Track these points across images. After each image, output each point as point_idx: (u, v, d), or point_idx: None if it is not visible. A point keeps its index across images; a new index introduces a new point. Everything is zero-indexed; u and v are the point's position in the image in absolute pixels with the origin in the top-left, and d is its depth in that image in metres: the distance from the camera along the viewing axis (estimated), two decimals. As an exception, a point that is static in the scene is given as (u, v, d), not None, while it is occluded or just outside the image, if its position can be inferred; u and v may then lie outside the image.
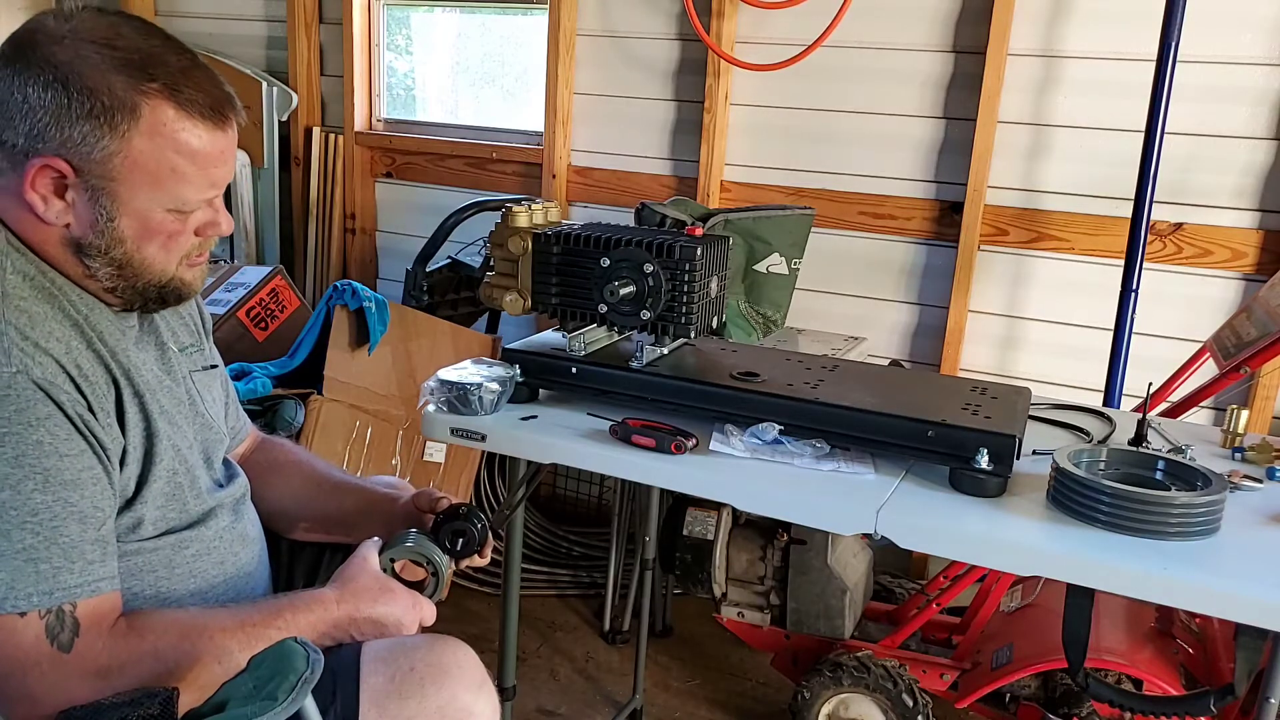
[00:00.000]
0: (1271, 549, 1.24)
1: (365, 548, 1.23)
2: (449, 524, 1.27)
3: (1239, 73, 2.30)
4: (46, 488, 1.00)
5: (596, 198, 3.07)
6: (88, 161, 1.04)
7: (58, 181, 1.05)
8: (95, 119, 1.02)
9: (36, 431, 1.00)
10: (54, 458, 1.01)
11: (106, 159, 1.04)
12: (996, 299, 2.64)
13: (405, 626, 1.18)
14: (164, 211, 1.09)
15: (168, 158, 1.06)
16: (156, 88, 1.04)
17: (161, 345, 1.23)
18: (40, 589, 0.99)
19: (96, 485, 1.05)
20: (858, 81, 2.67)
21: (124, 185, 1.06)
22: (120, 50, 1.04)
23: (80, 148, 1.03)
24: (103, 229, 1.07)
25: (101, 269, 1.09)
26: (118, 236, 1.08)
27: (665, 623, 2.73)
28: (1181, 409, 2.02)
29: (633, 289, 1.49)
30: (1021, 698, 2.02)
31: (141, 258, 1.10)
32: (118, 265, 1.10)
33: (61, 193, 1.06)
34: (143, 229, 1.09)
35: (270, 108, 3.35)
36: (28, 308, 1.05)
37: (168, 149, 1.06)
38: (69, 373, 1.04)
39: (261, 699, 0.88)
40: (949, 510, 1.30)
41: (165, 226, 1.10)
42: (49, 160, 1.03)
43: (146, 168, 1.05)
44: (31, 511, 0.99)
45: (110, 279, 1.11)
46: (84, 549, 1.02)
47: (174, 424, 1.17)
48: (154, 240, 1.10)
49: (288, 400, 2.28)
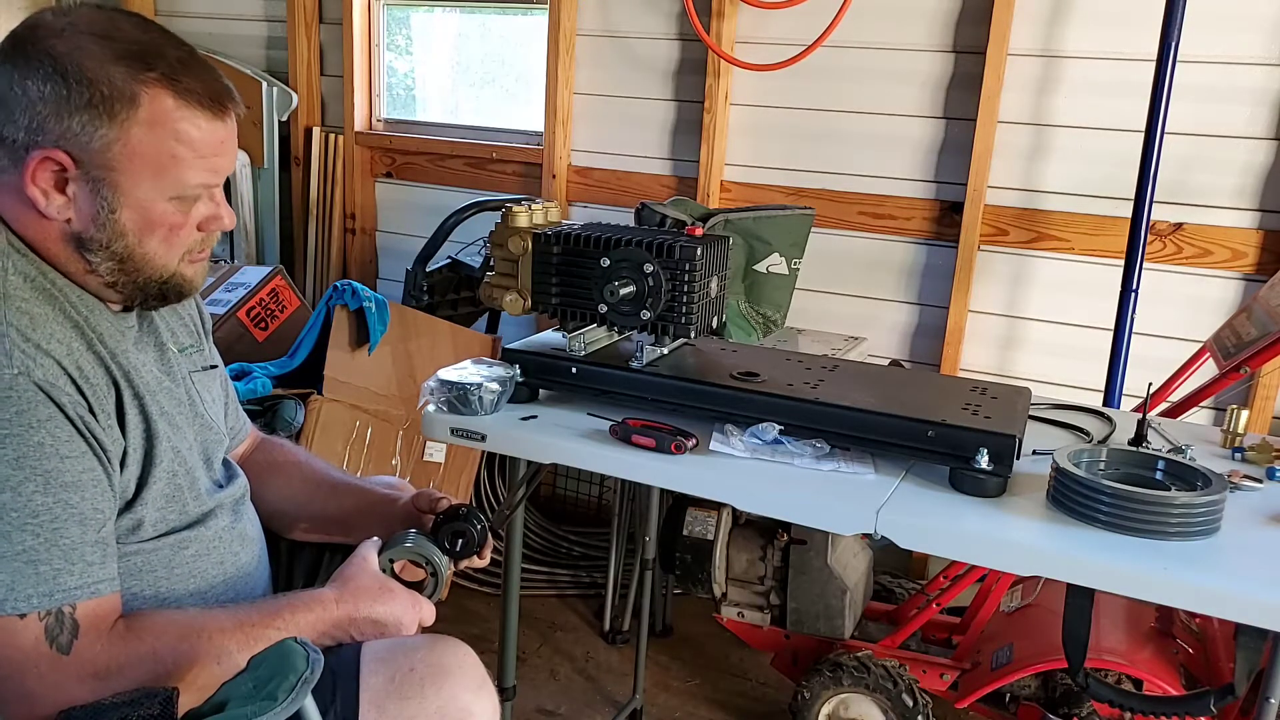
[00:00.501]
0: (1271, 549, 1.24)
1: (365, 548, 1.23)
2: (448, 524, 1.27)
3: (1239, 73, 2.30)
4: (47, 489, 1.00)
5: (596, 198, 3.07)
6: (87, 151, 1.04)
7: (58, 175, 1.05)
8: (94, 108, 1.03)
9: (38, 433, 1.00)
10: (55, 459, 1.01)
11: (106, 148, 1.04)
12: (996, 299, 2.64)
13: (405, 627, 1.18)
14: (165, 202, 1.09)
15: (167, 145, 1.06)
16: (155, 77, 1.05)
17: (161, 346, 1.23)
18: (40, 590, 0.99)
19: (97, 487, 1.05)
20: (858, 81, 2.67)
21: (124, 175, 1.06)
22: (119, 42, 1.05)
23: (80, 138, 1.03)
24: (104, 221, 1.07)
25: (103, 263, 1.09)
26: (119, 229, 1.08)
27: (665, 623, 2.73)
28: (1181, 409, 2.02)
29: (633, 289, 1.49)
30: (1021, 698, 2.02)
31: (143, 252, 1.10)
32: (119, 259, 1.10)
33: (62, 187, 1.06)
34: (144, 221, 1.09)
35: (270, 108, 3.35)
36: (29, 309, 1.05)
37: (167, 138, 1.06)
38: (70, 374, 1.04)
39: (261, 699, 0.88)
40: (949, 510, 1.30)
41: (167, 218, 1.10)
42: (49, 152, 1.04)
43: (146, 156, 1.06)
44: (32, 513, 0.99)
45: (111, 273, 1.11)
46: (84, 551, 1.02)
47: (174, 425, 1.17)
48: (155, 233, 1.10)
49: (288, 400, 2.28)
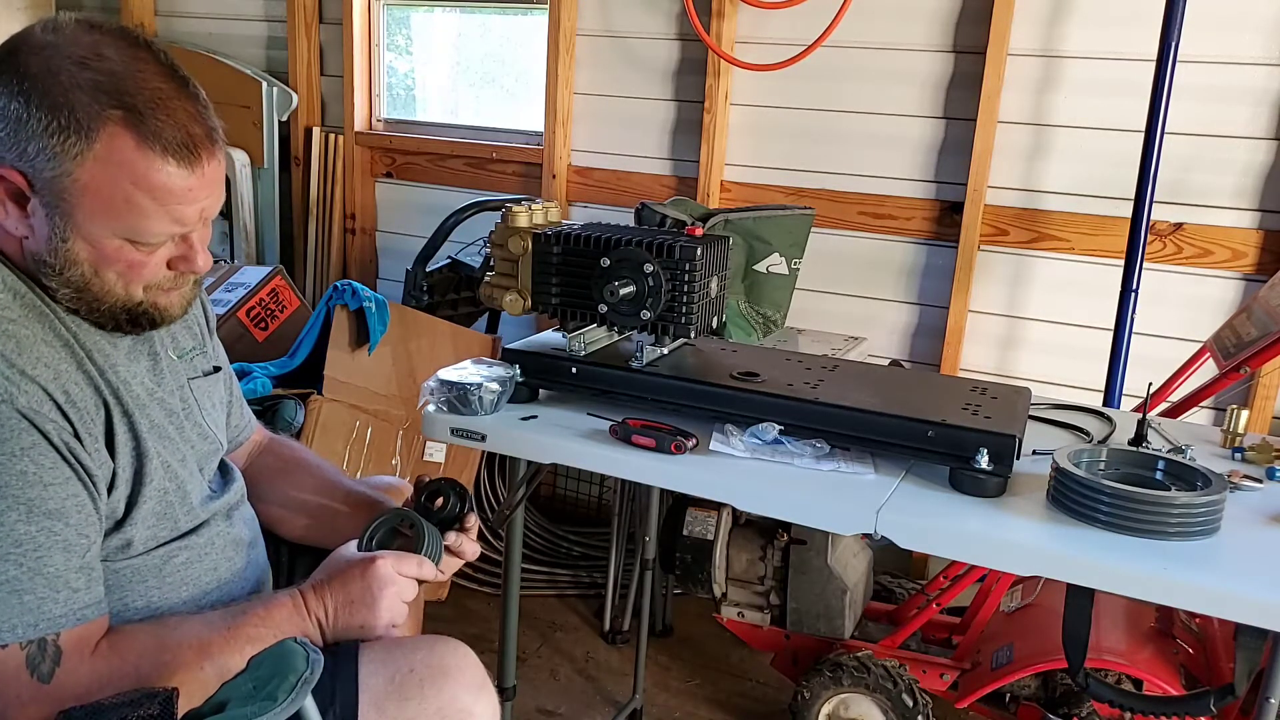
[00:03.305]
0: (1271, 549, 1.24)
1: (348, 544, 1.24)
2: (424, 489, 1.30)
3: (1239, 73, 2.30)
4: (30, 518, 0.99)
5: (596, 198, 3.07)
6: (40, 178, 1.00)
7: (17, 193, 1.02)
8: (50, 137, 0.99)
9: (20, 461, 0.98)
10: (38, 487, 0.99)
11: (57, 179, 1.00)
12: (996, 299, 2.64)
13: (396, 584, 1.17)
14: (120, 240, 1.04)
15: (122, 189, 1.01)
16: (119, 115, 0.99)
17: (154, 355, 1.20)
18: (25, 620, 0.98)
19: (81, 513, 1.03)
20: (858, 81, 2.67)
21: (76, 209, 1.01)
22: (93, 70, 1.00)
23: (35, 161, 1.00)
24: (56, 248, 1.03)
25: (60, 289, 1.06)
26: (72, 258, 1.04)
27: (665, 623, 2.73)
28: (1181, 409, 2.02)
29: (633, 289, 1.49)
30: (1021, 698, 2.02)
31: (100, 282, 1.06)
32: (75, 288, 1.06)
33: (23, 204, 1.03)
34: (98, 255, 1.04)
35: (270, 108, 3.35)
36: (15, 331, 1.03)
37: (123, 180, 1.01)
38: (55, 400, 1.03)
39: (261, 699, 0.88)
40: (949, 510, 1.30)
41: (122, 255, 1.05)
42: (5, 171, 1.01)
43: (99, 195, 1.01)
44: (15, 542, 0.98)
45: (70, 300, 1.07)
46: (69, 578, 1.01)
47: (165, 439, 1.16)
48: (111, 267, 1.05)
49: (288, 400, 2.28)
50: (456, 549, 1.28)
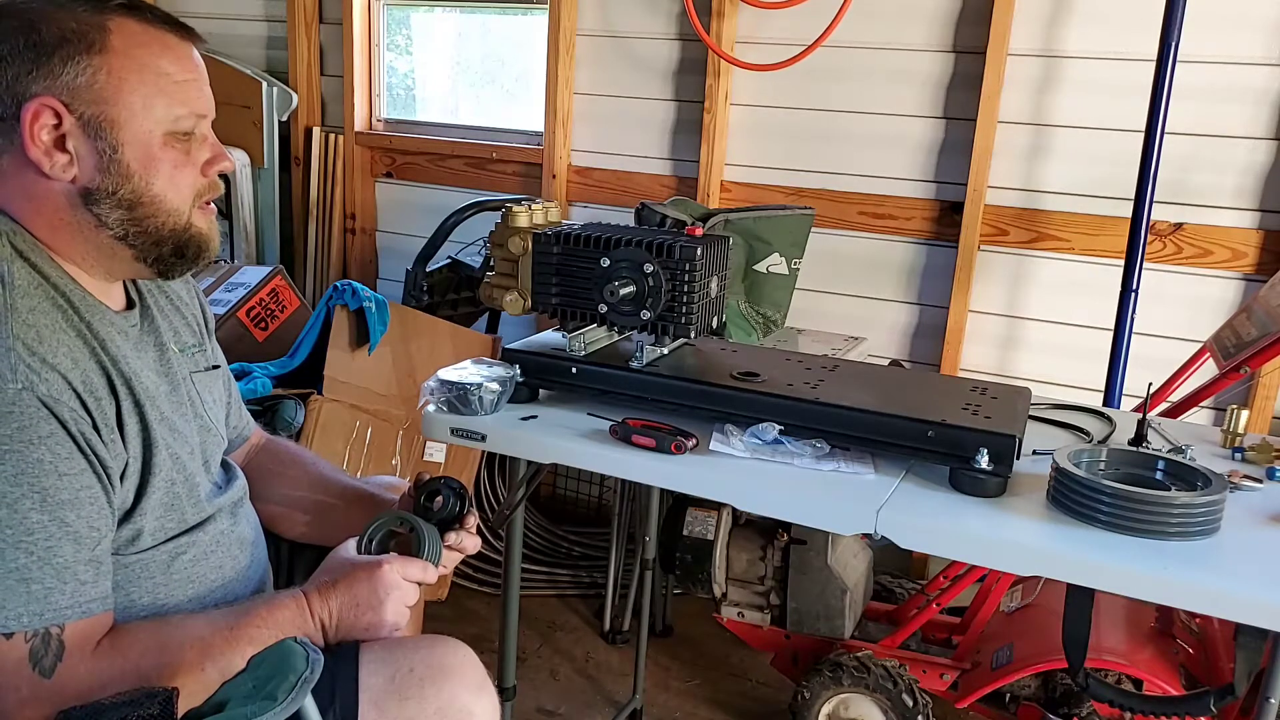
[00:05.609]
0: (1271, 549, 1.24)
1: (347, 543, 1.24)
2: (421, 489, 1.30)
3: (1239, 73, 2.30)
4: (44, 507, 0.99)
5: (596, 198, 3.07)
6: (74, 91, 1.05)
7: (55, 133, 1.05)
8: (70, 44, 1.04)
9: (37, 449, 0.99)
10: (53, 476, 1.00)
11: (91, 81, 1.05)
12: (996, 299, 2.64)
13: (399, 587, 1.17)
14: (163, 136, 1.10)
15: (150, 64, 1.08)
16: (115, 6, 1.08)
17: (161, 346, 1.21)
18: (31, 609, 0.99)
19: (94, 505, 1.04)
20: (858, 81, 2.67)
21: (116, 107, 1.07)
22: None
23: (63, 78, 1.04)
24: (108, 165, 1.07)
25: (112, 213, 1.09)
26: (125, 170, 1.08)
27: (665, 623, 2.73)
28: (1181, 409, 2.02)
29: (633, 289, 1.49)
30: (1021, 698, 2.02)
31: (151, 194, 1.10)
32: (128, 206, 1.09)
33: (62, 144, 1.06)
34: (146, 157, 1.09)
35: (270, 108, 3.35)
36: (35, 320, 1.03)
37: (146, 57, 1.08)
38: (75, 389, 1.03)
39: (261, 699, 0.88)
40: (949, 510, 1.30)
41: (168, 154, 1.10)
42: (42, 101, 1.04)
43: (131, 80, 1.07)
44: (27, 531, 0.98)
45: (122, 224, 1.10)
46: (77, 570, 1.02)
47: (173, 430, 1.16)
48: (159, 171, 1.10)
49: (288, 400, 2.28)
50: (457, 547, 1.29)
